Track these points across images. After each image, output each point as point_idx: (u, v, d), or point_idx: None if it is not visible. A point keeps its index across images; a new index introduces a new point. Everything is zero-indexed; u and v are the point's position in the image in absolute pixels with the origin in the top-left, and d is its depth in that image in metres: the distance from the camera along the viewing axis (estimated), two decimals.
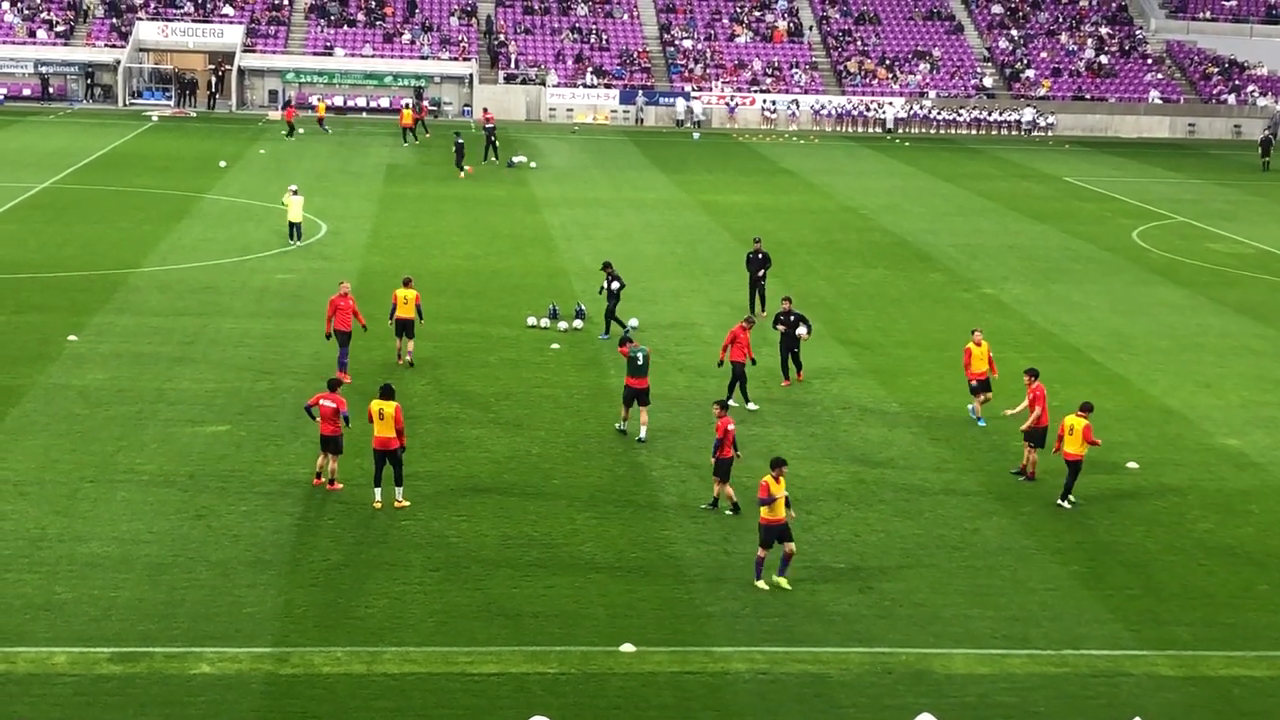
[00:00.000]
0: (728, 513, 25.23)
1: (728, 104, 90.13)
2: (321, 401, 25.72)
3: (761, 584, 22.44)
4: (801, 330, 32.69)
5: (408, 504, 25.21)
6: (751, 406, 31.21)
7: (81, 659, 19.50)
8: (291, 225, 47.67)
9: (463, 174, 64.54)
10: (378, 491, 25.19)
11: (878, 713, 19.01)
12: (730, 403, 30.41)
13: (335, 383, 26.22)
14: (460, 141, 66.33)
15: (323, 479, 25.93)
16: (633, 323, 37.15)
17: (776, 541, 22.40)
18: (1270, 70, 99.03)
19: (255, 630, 20.47)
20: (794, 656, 20.39)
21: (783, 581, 22.41)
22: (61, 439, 28.04)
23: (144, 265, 43.70)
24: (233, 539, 23.60)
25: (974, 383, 30.95)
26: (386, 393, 25.24)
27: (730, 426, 24.97)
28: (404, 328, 33.25)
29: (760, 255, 39.70)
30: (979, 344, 30.83)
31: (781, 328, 33.08)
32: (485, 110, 73.44)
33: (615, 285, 36.55)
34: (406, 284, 33.51)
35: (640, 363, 28.98)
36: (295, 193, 47.97)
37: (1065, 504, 26.41)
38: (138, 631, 20.30)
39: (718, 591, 22.32)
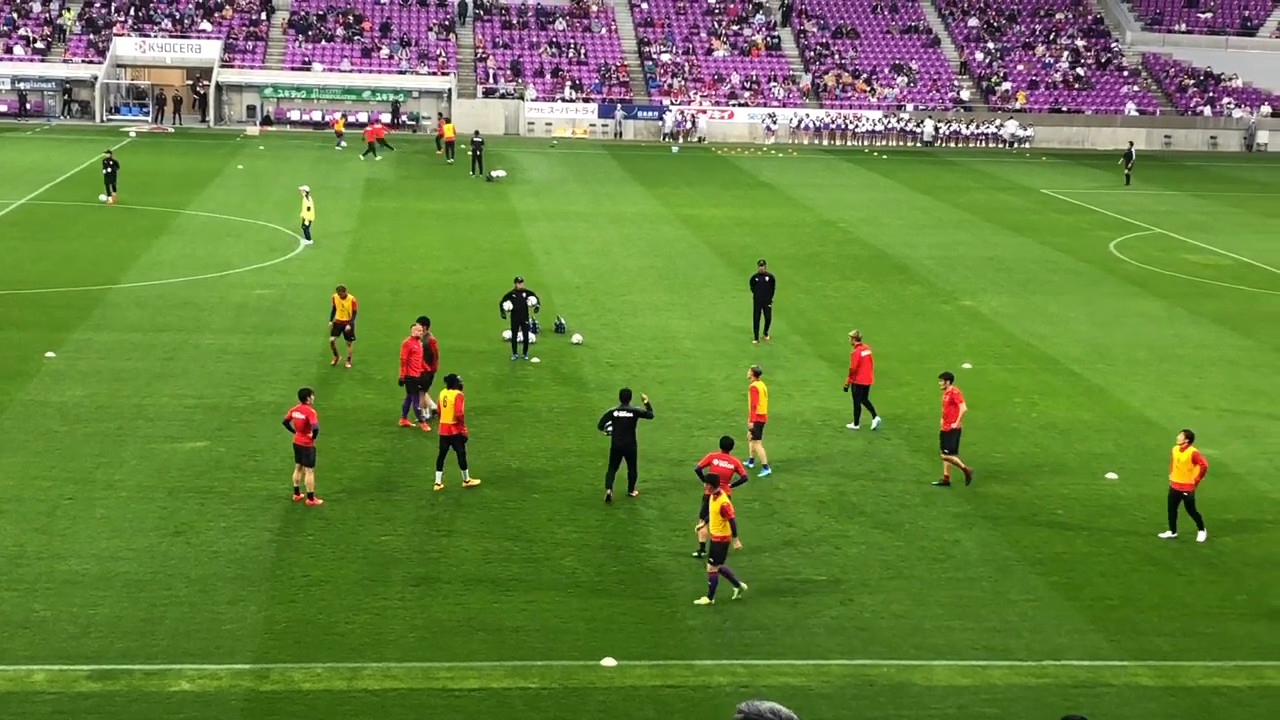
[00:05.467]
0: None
1: (686, 116, 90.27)
2: (293, 414, 25.75)
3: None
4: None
5: (477, 482, 26.92)
6: (851, 426, 31.35)
7: (60, 677, 19.41)
8: (304, 223, 50.57)
9: (108, 200, 57.41)
10: (439, 475, 26.81)
11: None
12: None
13: (305, 392, 26.23)
14: (112, 161, 58.03)
15: (301, 494, 25.87)
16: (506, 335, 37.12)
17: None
18: (1245, 82, 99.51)
19: (235, 647, 20.39)
20: (775, 669, 20.40)
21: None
22: (40, 456, 27.93)
23: (122, 281, 43.59)
24: (212, 555, 23.52)
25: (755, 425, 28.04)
26: (452, 382, 26.86)
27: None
28: (340, 329, 34.71)
29: (766, 279, 38.51)
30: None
31: (626, 414, 26.28)
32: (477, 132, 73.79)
33: (533, 300, 36.85)
34: (342, 293, 34.62)
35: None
36: (307, 194, 50.89)
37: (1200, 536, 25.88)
38: (117, 649, 20.22)
39: (699, 605, 22.31)
